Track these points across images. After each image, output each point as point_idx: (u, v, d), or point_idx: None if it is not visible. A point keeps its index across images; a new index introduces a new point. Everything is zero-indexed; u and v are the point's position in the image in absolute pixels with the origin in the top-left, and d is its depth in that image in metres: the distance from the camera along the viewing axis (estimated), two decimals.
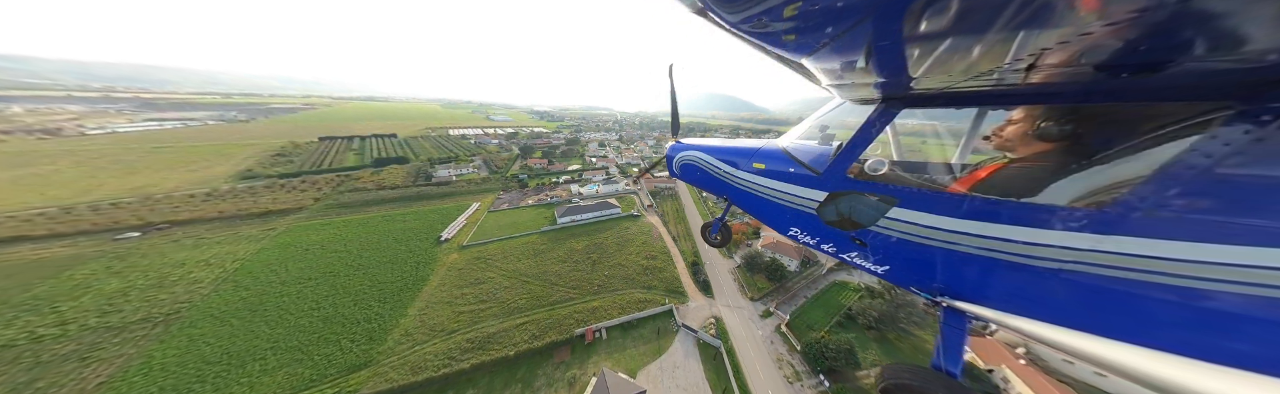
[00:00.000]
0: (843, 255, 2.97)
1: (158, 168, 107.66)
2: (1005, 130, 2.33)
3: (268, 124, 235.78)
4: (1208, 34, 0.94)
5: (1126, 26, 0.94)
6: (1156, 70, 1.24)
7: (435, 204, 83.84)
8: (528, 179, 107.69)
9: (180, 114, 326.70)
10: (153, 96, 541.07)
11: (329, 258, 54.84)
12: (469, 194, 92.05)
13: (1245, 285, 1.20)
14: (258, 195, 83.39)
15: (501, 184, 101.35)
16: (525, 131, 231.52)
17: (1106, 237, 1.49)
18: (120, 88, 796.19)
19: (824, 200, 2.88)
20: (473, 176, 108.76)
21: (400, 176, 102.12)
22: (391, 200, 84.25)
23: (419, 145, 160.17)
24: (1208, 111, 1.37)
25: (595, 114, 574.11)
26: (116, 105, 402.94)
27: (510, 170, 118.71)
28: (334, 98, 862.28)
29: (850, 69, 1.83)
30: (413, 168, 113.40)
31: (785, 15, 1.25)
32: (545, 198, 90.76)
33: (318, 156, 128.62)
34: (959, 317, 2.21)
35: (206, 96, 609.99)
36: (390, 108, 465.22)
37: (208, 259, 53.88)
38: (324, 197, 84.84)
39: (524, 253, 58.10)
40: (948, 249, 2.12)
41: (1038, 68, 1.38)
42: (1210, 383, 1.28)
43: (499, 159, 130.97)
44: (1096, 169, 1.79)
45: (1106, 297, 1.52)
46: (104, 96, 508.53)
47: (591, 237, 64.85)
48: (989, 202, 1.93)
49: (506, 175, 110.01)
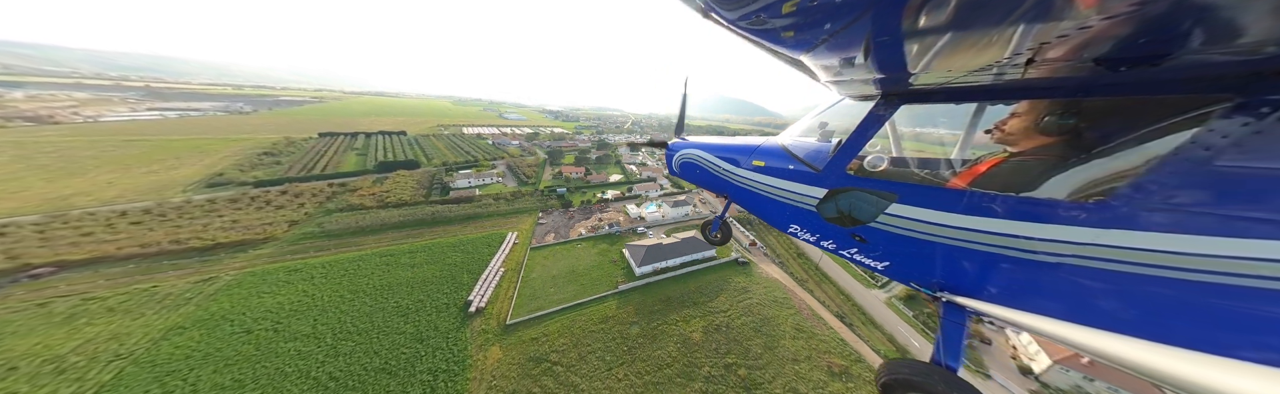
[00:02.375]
0: (843, 252, 2.98)
1: (111, 167, 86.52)
2: (1007, 124, 2.31)
3: (269, 116, 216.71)
4: (1206, 26, 0.94)
5: (1126, 20, 0.94)
6: (1156, 63, 1.24)
7: (456, 232, 61.06)
8: (567, 193, 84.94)
9: (186, 104, 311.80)
10: (163, 86, 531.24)
11: (279, 355, 31.02)
12: (499, 216, 69.33)
13: (1244, 278, 1.20)
14: (214, 214, 61.16)
15: (537, 201, 78.54)
16: (545, 132, 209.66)
17: (1106, 230, 1.49)
18: (134, 77, 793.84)
19: (824, 197, 2.87)
20: (498, 188, 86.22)
21: (409, 187, 79.80)
22: (396, 226, 61.67)
23: (431, 145, 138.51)
24: (1207, 104, 1.37)
25: (607, 115, 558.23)
26: (124, 94, 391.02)
27: (542, 181, 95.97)
28: (345, 92, 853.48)
29: (849, 65, 1.83)
30: (424, 175, 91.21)
31: (783, 12, 1.24)
32: (599, 225, 67.86)
33: (312, 157, 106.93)
34: (959, 312, 2.22)
35: (218, 87, 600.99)
36: (400, 103, 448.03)
37: (63, 356, 29.79)
38: (304, 219, 62.35)
39: (607, 345, 34.48)
40: (947, 244, 2.12)
41: (1037, 62, 1.37)
42: (1211, 374, 1.28)
43: (524, 165, 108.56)
44: (1096, 162, 1.79)
45: (1107, 290, 1.53)
46: (115, 84, 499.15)
47: (698, 305, 41.31)
48: (989, 196, 1.92)
49: (540, 188, 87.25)
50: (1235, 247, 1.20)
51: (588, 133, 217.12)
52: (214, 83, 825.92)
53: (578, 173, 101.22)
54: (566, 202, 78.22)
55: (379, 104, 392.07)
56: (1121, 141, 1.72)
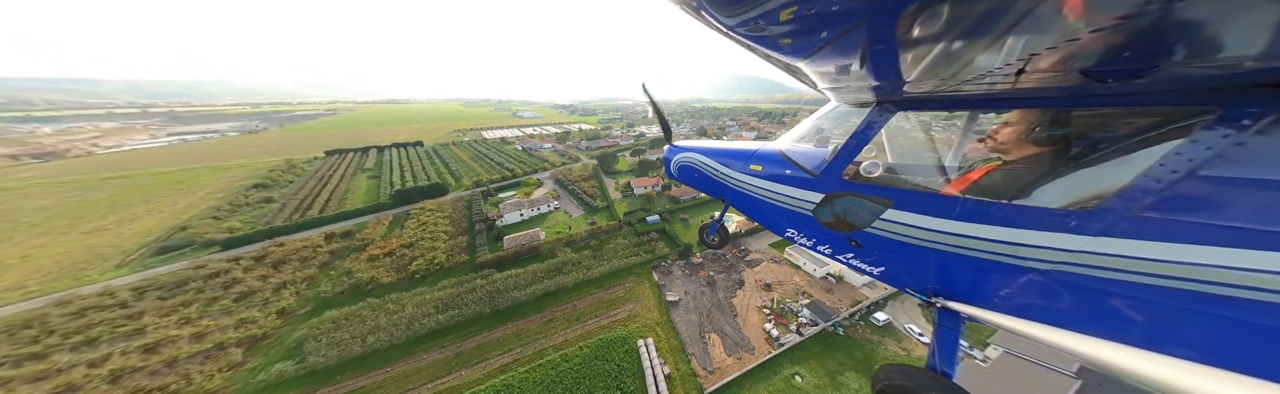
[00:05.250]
0: (838, 257, 2.98)
1: (54, 224, 65.63)
2: (1000, 133, 2.32)
3: (279, 134, 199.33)
4: (1189, 41, 0.97)
5: (1111, 33, 0.97)
6: (1141, 75, 1.26)
7: (535, 336, 34.26)
8: (663, 222, 56.38)
9: (206, 126, 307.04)
10: (185, 110, 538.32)
11: None
12: (595, 287, 41.68)
13: (1227, 287, 1.24)
14: (128, 326, 36.97)
15: (631, 243, 50.16)
16: (574, 130, 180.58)
17: (1097, 238, 1.52)
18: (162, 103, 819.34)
19: (820, 202, 2.87)
20: (561, 220, 58.77)
21: (441, 232, 53.72)
22: (429, 337, 34.88)
23: (453, 157, 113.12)
24: (1191, 116, 1.40)
25: (618, 105, 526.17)
26: (150, 120, 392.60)
27: (613, 201, 67.53)
28: (356, 102, 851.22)
29: (845, 72, 1.85)
30: (457, 206, 65.13)
31: (781, 19, 1.24)
32: (780, 301, 39.42)
33: (314, 185, 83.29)
34: (954, 317, 2.22)
35: (237, 107, 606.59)
36: (412, 109, 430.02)
37: None
38: (276, 330, 36.72)
39: None
40: (942, 250, 2.13)
41: (1028, 72, 1.38)
42: (1198, 383, 1.30)
43: (575, 177, 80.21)
44: (1086, 171, 1.83)
45: (1097, 297, 1.57)
46: (142, 112, 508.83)
47: None
48: (982, 203, 1.95)
49: (624, 218, 58.98)
50: (1220, 256, 1.24)
51: (618, 127, 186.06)
52: (236, 103, 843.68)
53: (653, 186, 72.28)
54: (680, 248, 49.62)
55: (391, 112, 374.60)
56: (1109, 151, 1.74)
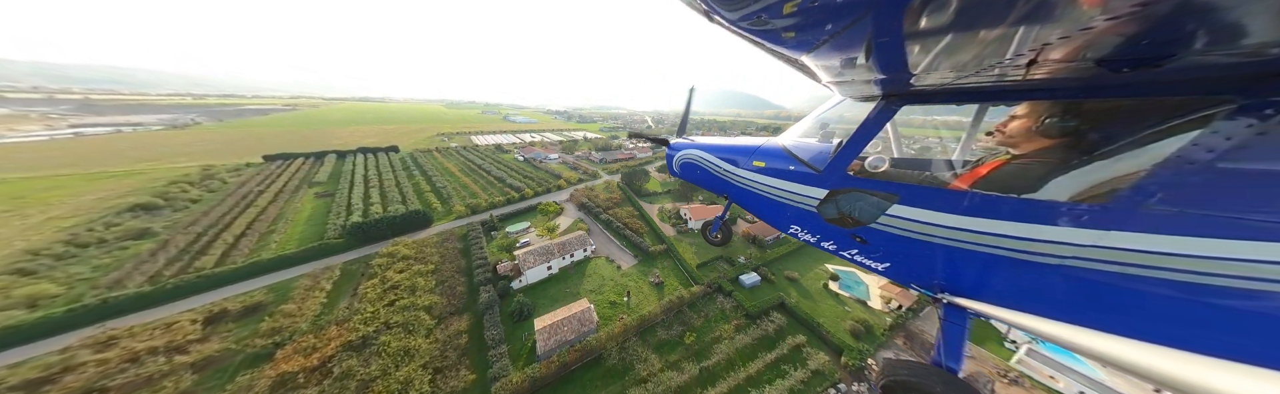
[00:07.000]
0: (843, 253, 2.96)
1: None
2: (1008, 126, 2.30)
3: (212, 130, 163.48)
4: (1209, 28, 0.93)
5: (1128, 20, 0.92)
6: (1158, 64, 1.21)
7: None
8: (762, 285, 36.76)
9: (125, 118, 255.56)
10: (107, 98, 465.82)
11: None
12: None
13: (1246, 280, 1.20)
14: None
15: (753, 343, 29.89)
16: (580, 138, 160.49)
17: (1108, 232, 1.49)
18: (78, 89, 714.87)
19: (824, 198, 2.86)
20: (607, 276, 37.58)
21: (426, 319, 30.86)
22: None
23: (436, 167, 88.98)
24: (1209, 106, 1.36)
25: (614, 113, 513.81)
26: (54, 107, 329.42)
27: (679, 247, 47.23)
28: (324, 98, 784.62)
29: (850, 66, 1.82)
30: (447, 251, 41.80)
31: (784, 12, 1.22)
32: None
33: (226, 210, 56.67)
34: (960, 313, 2.21)
35: (177, 98, 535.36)
36: (387, 109, 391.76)
37: None
38: None
39: None
40: (948, 246, 2.12)
41: (1039, 63, 1.34)
42: (1212, 377, 1.27)
43: (601, 201, 60.51)
44: (1099, 164, 1.78)
45: (1108, 292, 1.53)
46: (48, 98, 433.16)
47: None
48: (990, 198, 1.93)
49: (709, 282, 38.68)
50: (1238, 249, 1.19)
51: (623, 136, 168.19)
52: (176, 93, 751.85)
53: (717, 217, 52.72)
54: (826, 341, 29.96)
55: (362, 110, 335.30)
56: (1123, 143, 1.70)
